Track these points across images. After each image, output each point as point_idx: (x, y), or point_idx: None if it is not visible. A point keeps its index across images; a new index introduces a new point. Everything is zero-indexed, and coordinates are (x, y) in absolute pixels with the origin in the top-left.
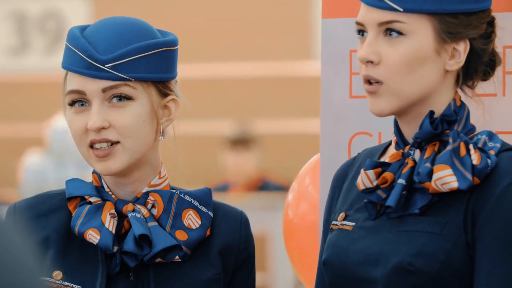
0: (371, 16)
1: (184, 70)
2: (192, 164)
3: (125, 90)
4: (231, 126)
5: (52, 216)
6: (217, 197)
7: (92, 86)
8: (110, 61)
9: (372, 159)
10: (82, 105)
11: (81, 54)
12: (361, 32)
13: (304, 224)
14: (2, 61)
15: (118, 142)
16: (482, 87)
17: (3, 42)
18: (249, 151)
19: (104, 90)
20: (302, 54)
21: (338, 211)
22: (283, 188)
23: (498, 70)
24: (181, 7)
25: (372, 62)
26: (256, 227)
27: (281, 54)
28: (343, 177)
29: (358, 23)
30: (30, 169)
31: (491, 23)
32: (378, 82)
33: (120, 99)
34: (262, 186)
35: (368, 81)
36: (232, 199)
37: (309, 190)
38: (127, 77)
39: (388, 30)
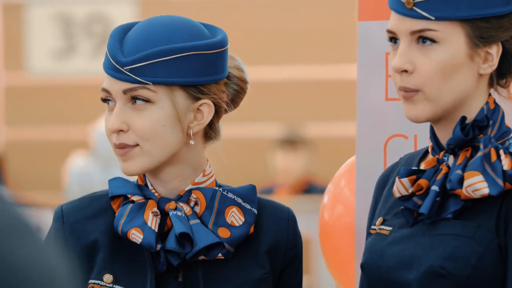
0: (403, 25)
1: None
2: (239, 166)
3: (144, 93)
4: (280, 129)
5: (99, 219)
6: None
7: (115, 87)
8: (129, 64)
9: (411, 164)
10: (111, 103)
11: (108, 55)
12: (393, 39)
13: (340, 226)
14: (49, 64)
15: (137, 145)
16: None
17: (49, 45)
18: (297, 153)
19: (125, 92)
20: (351, 57)
21: (377, 216)
22: None
23: None
24: (231, 11)
25: (406, 71)
26: (301, 230)
27: (332, 58)
28: (385, 182)
29: (389, 31)
30: (75, 172)
31: None
32: (413, 90)
33: (139, 101)
34: (308, 189)
35: (403, 89)
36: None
37: (345, 192)
38: (144, 81)
39: (421, 38)
